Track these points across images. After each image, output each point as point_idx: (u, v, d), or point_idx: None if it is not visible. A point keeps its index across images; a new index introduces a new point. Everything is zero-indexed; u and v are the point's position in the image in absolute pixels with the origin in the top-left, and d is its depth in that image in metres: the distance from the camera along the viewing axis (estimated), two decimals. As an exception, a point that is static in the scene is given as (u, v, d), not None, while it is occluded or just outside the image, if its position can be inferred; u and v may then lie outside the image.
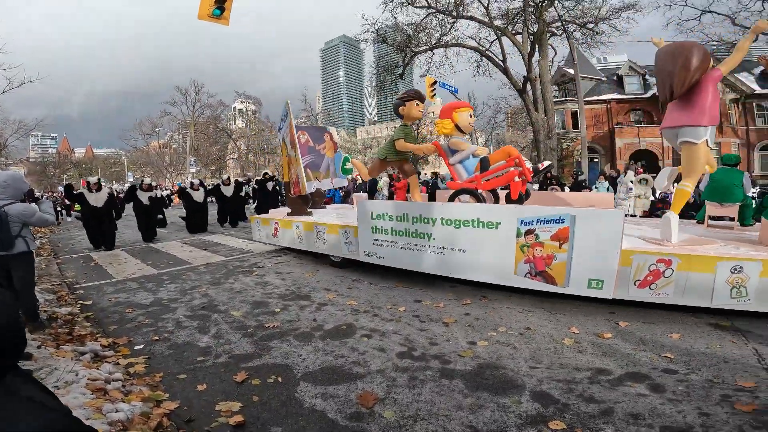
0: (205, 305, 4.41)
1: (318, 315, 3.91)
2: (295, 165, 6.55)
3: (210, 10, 6.98)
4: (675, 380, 2.47)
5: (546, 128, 18.59)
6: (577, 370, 2.65)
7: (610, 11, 18.03)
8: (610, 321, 3.50)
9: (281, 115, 7.18)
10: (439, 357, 2.91)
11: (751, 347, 2.91)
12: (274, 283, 5.19)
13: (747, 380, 2.42)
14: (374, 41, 21.40)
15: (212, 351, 3.21)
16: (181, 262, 6.92)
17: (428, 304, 4.11)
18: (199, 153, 42.05)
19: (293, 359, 2.98)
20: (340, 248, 5.47)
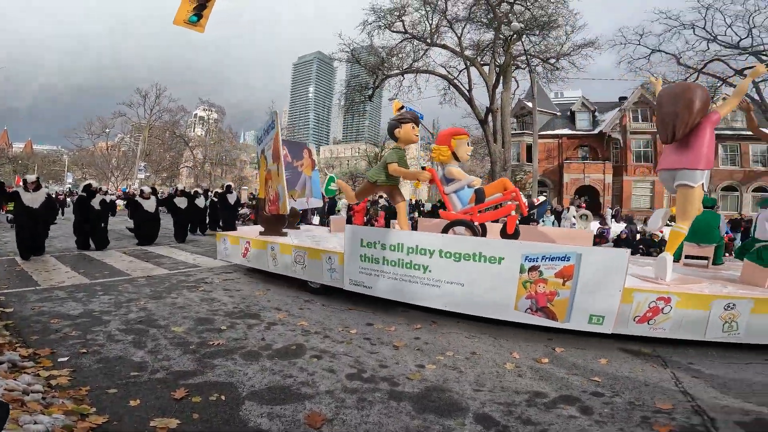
0: (143, 319, 4.18)
1: (267, 334, 3.82)
2: (275, 181, 6.14)
3: (187, 16, 6.88)
4: (601, 402, 2.65)
5: (502, 160, 19.59)
6: (517, 393, 2.78)
7: (571, 48, 19.59)
8: (547, 347, 3.69)
9: (264, 126, 6.75)
10: (388, 379, 2.94)
11: (670, 372, 3.18)
12: (222, 300, 5.01)
13: (665, 403, 2.63)
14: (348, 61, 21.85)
15: (148, 366, 3.04)
16: (118, 273, 6.52)
17: (380, 327, 4.14)
18: (151, 158, 40.09)
19: (238, 377, 2.89)
20: (322, 275, 5.14)
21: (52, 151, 53.99)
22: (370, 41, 21.02)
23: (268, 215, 6.54)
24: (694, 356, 3.50)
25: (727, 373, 3.16)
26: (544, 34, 19.36)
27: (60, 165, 47.29)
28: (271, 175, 6.28)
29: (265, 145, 6.53)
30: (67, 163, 46.12)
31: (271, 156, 6.20)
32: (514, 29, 17.22)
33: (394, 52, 21.09)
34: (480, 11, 19.74)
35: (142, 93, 40.02)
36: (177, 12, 6.85)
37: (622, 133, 27.80)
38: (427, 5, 19.72)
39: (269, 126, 6.43)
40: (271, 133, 6.31)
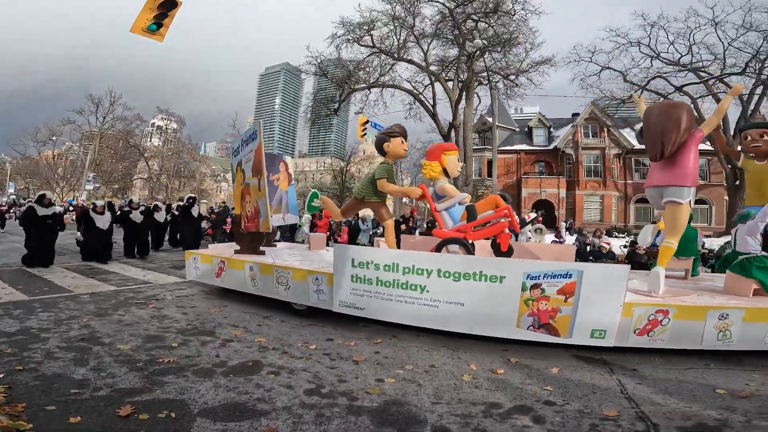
0: (85, 337, 3.93)
1: (222, 351, 3.68)
2: (254, 196, 5.76)
3: (146, 24, 6.69)
4: (553, 411, 2.74)
5: (464, 175, 20.14)
6: (473, 404, 2.82)
7: (530, 64, 20.61)
8: (503, 357, 3.79)
9: (243, 137, 6.32)
10: (347, 394, 2.90)
11: (615, 378, 3.34)
12: (174, 317, 4.79)
13: (611, 410, 2.74)
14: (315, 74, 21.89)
15: (90, 384, 2.87)
16: (59, 290, 6.09)
17: (340, 342, 4.10)
18: (101, 169, 37.96)
19: (190, 395, 2.77)
20: (308, 296, 4.82)
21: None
22: (338, 54, 21.24)
23: (245, 233, 6.14)
24: (639, 362, 3.69)
25: (669, 379, 3.34)
26: (506, 51, 20.37)
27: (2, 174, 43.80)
28: (250, 190, 5.89)
29: (243, 157, 6.14)
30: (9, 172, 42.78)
31: (251, 169, 5.81)
32: (477, 46, 17.97)
33: (362, 65, 21.44)
34: (446, 28, 20.48)
35: (95, 100, 38.13)
36: (135, 20, 6.67)
37: (574, 148, 29.37)
38: (396, 20, 20.27)
39: (249, 137, 6.03)
40: (251, 145, 5.88)
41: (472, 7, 19.77)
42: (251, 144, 5.89)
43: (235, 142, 6.76)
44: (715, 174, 26.47)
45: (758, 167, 4.70)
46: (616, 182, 29.08)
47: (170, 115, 45.55)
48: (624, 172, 29.42)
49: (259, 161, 5.60)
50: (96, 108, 38.12)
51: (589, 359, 3.78)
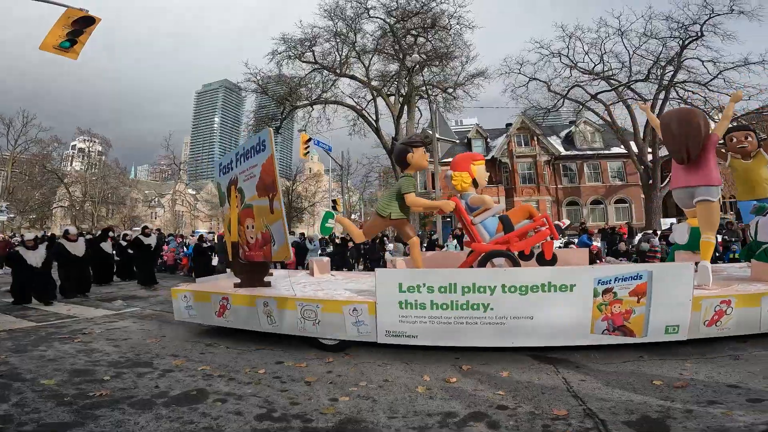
0: (4, 373, 3.57)
1: (161, 381, 3.43)
2: (264, 219, 4.95)
3: (58, 41, 6.26)
4: (506, 415, 2.81)
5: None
6: (429, 415, 2.83)
7: (465, 77, 21.59)
8: (455, 366, 3.85)
9: (240, 150, 5.47)
10: (300, 416, 2.80)
11: (561, 377, 3.49)
12: (104, 350, 4.40)
13: (560, 409, 2.84)
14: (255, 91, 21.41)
15: (14, 419, 2.61)
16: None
17: (290, 364, 3.97)
18: (15, 197, 34.02)
19: (128, 427, 2.56)
20: (345, 329, 4.32)
21: None
22: (279, 71, 21.03)
23: (245, 263, 5.44)
24: (579, 359, 3.89)
25: (609, 373, 3.52)
26: (443, 65, 21.31)
27: None
28: (254, 213, 5.16)
29: (240, 174, 5.37)
30: None
31: (256, 187, 5.03)
32: (415, 60, 18.66)
33: (303, 82, 21.39)
34: (387, 43, 21.07)
35: (4, 121, 34.35)
36: (46, 36, 6.24)
37: (509, 157, 31.19)
38: (338, 37, 20.53)
39: (251, 149, 5.16)
40: (255, 159, 5.05)
41: (412, 23, 20.61)
42: (256, 157, 5.04)
43: (225, 158, 5.97)
44: (631, 174, 28.93)
45: (745, 165, 5.07)
46: (548, 187, 31.17)
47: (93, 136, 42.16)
48: (554, 177, 31.56)
49: (271, 177, 4.83)
50: (6, 130, 34.45)
51: (536, 358, 3.93)
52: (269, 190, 4.84)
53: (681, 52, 20.32)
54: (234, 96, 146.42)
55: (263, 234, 5.01)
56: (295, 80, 21.36)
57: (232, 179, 5.57)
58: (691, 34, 19.93)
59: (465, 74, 21.75)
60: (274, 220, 4.81)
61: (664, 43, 20.74)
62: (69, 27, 6.29)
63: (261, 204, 4.98)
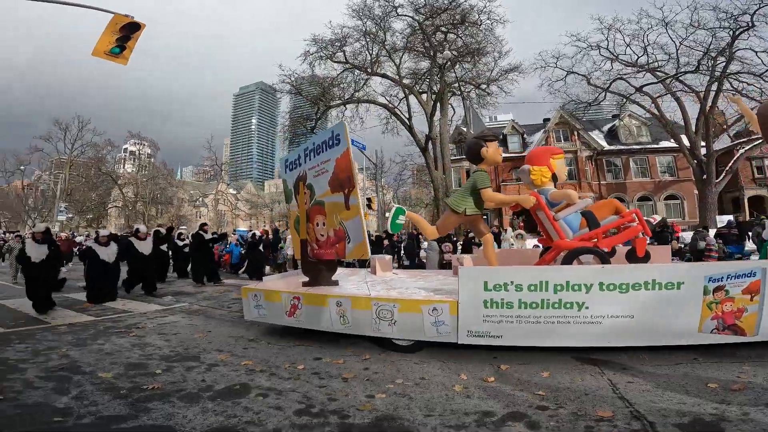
0: (65, 366, 3.82)
1: (207, 376, 3.60)
2: (336, 216, 4.88)
3: (108, 47, 6.64)
4: (547, 416, 2.75)
5: (444, 186, 20.37)
6: (466, 414, 2.82)
7: (499, 73, 21.11)
8: (493, 365, 3.80)
9: (309, 144, 5.37)
10: (337, 412, 2.86)
11: (607, 378, 3.37)
12: (156, 345, 4.66)
13: (605, 410, 2.76)
14: (290, 92, 21.92)
15: (74, 412, 2.79)
16: (35, 321, 5.90)
17: (328, 361, 4.05)
18: (74, 198, 36.68)
19: (177, 420, 2.70)
20: (423, 330, 4.20)
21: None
22: (311, 71, 21.38)
23: (314, 262, 5.38)
24: (627, 360, 3.74)
25: (659, 375, 3.39)
26: (475, 61, 20.89)
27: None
28: (325, 210, 5.10)
29: (310, 170, 5.28)
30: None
31: (329, 183, 4.94)
32: (447, 57, 18.38)
33: (336, 82, 21.64)
34: (417, 41, 20.93)
35: (62, 126, 36.95)
36: (97, 42, 6.61)
37: (549, 153, 30.01)
38: (367, 36, 20.60)
39: (322, 144, 5.03)
40: (328, 153, 4.93)
41: (441, 20, 20.34)
42: (328, 152, 4.92)
43: (292, 154, 5.88)
44: (683, 170, 27.38)
45: None
46: (591, 183, 29.77)
47: (142, 139, 44.69)
48: (597, 173, 30.19)
49: (347, 172, 4.70)
50: (64, 134, 37.11)
51: (578, 359, 3.82)
52: (344, 186, 4.71)
53: (732, 42, 18.95)
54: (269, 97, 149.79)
55: (336, 231, 4.90)
56: (328, 80, 21.64)
57: (300, 175, 5.48)
58: (741, 24, 18.57)
59: (498, 70, 21.27)
60: (350, 216, 4.69)
61: (713, 34, 19.43)
62: (117, 33, 6.64)
63: (334, 200, 4.87)
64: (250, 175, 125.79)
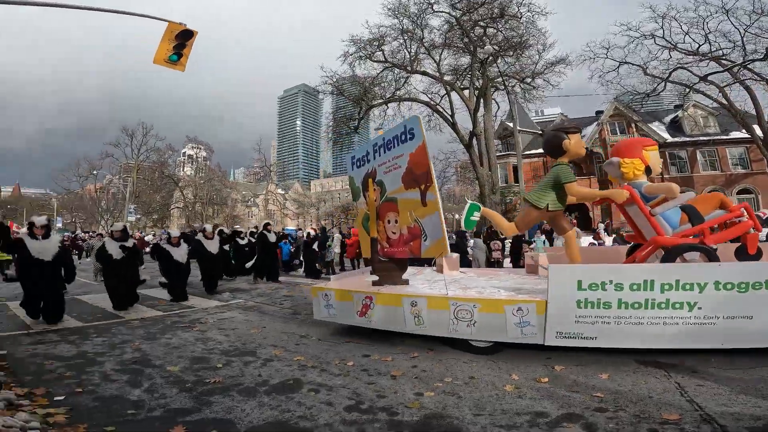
0: (138, 359, 4.14)
1: (263, 370, 3.78)
2: (411, 213, 4.75)
3: (167, 55, 7.11)
4: (605, 418, 2.64)
5: (490, 183, 19.86)
6: (518, 414, 2.76)
7: (545, 66, 20.25)
8: (546, 366, 3.69)
9: (379, 140, 5.23)
10: (386, 409, 2.91)
11: (674, 381, 3.18)
12: (217, 339, 4.95)
13: (672, 413, 2.62)
14: (332, 93, 22.33)
15: (145, 405, 3.02)
16: (110, 316, 6.44)
17: (376, 358, 4.11)
18: (140, 200, 39.75)
19: (236, 414, 2.85)
20: (505, 331, 4.00)
21: (40, 195, 53.45)
22: (352, 72, 21.61)
23: (385, 260, 5.28)
24: (696, 364, 3.50)
25: (732, 378, 3.16)
26: (518, 55, 20.13)
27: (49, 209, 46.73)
28: (398, 207, 4.98)
29: (379, 166, 5.17)
30: (56, 207, 45.53)
31: (402, 179, 4.83)
32: (488, 52, 17.85)
33: (377, 81, 21.69)
34: (455, 36, 20.52)
35: (128, 132, 39.99)
36: (157, 51, 7.08)
37: (602, 147, 28.43)
38: (405, 34, 20.47)
39: (393, 139, 4.90)
40: (400, 149, 4.80)
41: (478, 14, 19.72)
42: (400, 147, 4.80)
43: (359, 150, 5.79)
44: (756, 162, 24.94)
45: None
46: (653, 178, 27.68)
47: (198, 143, 47.42)
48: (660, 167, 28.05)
49: (423, 167, 4.52)
50: (130, 140, 40.10)
51: (642, 363, 3.63)
52: (420, 181, 4.57)
53: (803, 28, 16.91)
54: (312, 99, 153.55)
55: (411, 229, 4.79)
56: (368, 80, 21.77)
57: (369, 172, 5.36)
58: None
59: (543, 63, 20.30)
60: (427, 213, 4.55)
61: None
62: (173, 41, 7.07)
63: (408, 197, 4.74)
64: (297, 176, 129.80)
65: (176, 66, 7.25)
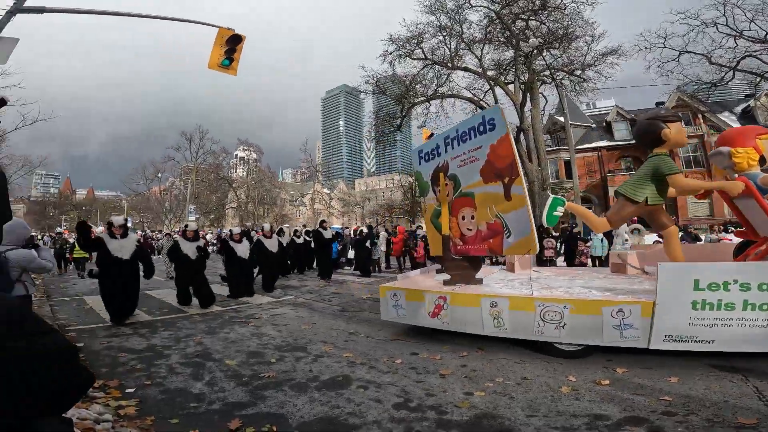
0: (200, 353, 4.39)
1: (314, 366, 3.88)
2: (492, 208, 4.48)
3: (219, 60, 7.47)
4: (674, 422, 2.48)
5: (540, 179, 19.08)
6: (575, 416, 2.65)
7: (595, 57, 19.13)
8: (607, 368, 3.51)
9: (451, 134, 5.00)
10: (435, 408, 2.89)
11: (751, 386, 2.95)
12: (270, 334, 5.15)
13: (748, 417, 2.44)
14: (373, 92, 22.46)
15: (206, 398, 3.18)
16: (176, 311, 6.88)
17: (425, 356, 4.09)
18: (199, 200, 42.27)
19: (288, 408, 2.95)
20: (601, 333, 3.71)
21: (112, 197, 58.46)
22: (393, 70, 21.58)
23: (458, 258, 5.04)
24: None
25: None
26: (565, 47, 19.13)
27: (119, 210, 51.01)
28: (476, 201, 4.72)
29: (449, 159, 4.97)
30: (126, 208, 49.53)
31: (480, 172, 4.57)
32: (533, 45, 17.13)
33: (418, 79, 21.50)
34: (495, 31, 19.88)
35: (186, 136, 42.39)
36: (210, 57, 7.45)
37: (665, 139, 26.35)
38: (443, 30, 20.12)
39: (473, 130, 4.62)
40: (476, 140, 4.55)
41: (519, 7, 18.95)
42: (478, 139, 4.54)
43: (427, 144, 5.53)
44: None
45: None
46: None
47: (249, 145, 49.58)
48: (731, 159, 25.55)
49: (507, 159, 4.25)
50: (189, 144, 42.48)
51: (716, 367, 3.39)
52: (504, 174, 4.29)
53: None
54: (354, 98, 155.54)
55: (491, 225, 4.52)
56: (409, 78, 21.65)
57: (440, 166, 5.12)
58: None
59: (593, 54, 19.14)
60: (512, 208, 4.26)
61: None
62: (224, 46, 7.38)
63: (488, 190, 4.47)
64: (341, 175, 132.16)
65: (228, 70, 7.58)
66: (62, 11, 7.10)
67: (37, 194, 57.55)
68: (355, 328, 5.34)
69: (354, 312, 6.49)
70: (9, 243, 3.39)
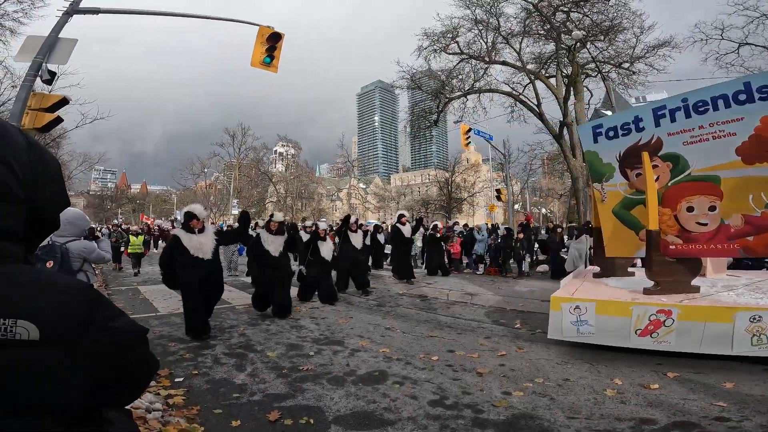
0: (242, 344, 4.56)
1: (351, 360, 3.95)
2: (762, 193, 3.66)
3: (261, 58, 7.71)
4: (727, 427, 2.35)
5: (585, 175, 18.27)
6: (619, 420, 2.55)
7: (645, 49, 18.03)
8: (657, 372, 3.35)
9: (667, 104, 4.22)
10: (471, 406, 2.86)
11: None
12: (309, 328, 5.29)
13: None
14: (409, 87, 22.29)
15: (248, 389, 3.30)
16: (221, 302, 7.10)
17: (462, 354, 4.06)
18: (242, 195, 43.97)
19: (325, 402, 3.01)
20: None
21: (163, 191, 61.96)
22: (428, 66, 21.29)
23: (670, 260, 4.21)
24: None
25: None
26: (611, 39, 18.11)
27: (170, 203, 53.86)
28: (724, 187, 3.88)
29: (665, 134, 4.18)
30: (175, 202, 52.31)
31: (738, 151, 3.73)
32: (576, 38, 16.33)
33: (454, 74, 21.06)
34: (534, 23, 19.11)
35: (230, 132, 44.30)
36: (252, 55, 7.68)
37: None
38: (479, 24, 19.58)
39: (724, 98, 3.80)
40: (726, 112, 3.76)
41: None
42: (732, 110, 3.74)
43: (609, 120, 4.79)
44: None
45: None
46: None
47: (288, 141, 50.91)
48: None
49: None
50: (232, 140, 44.48)
51: None
52: None
53: None
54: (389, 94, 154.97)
55: (754, 217, 3.68)
56: (445, 73, 21.28)
57: (642, 143, 4.32)
58: None
59: (643, 46, 17.97)
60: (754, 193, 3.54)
61: None
62: (265, 44, 7.57)
63: (752, 174, 3.65)
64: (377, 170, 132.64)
65: (270, 68, 7.80)
66: (116, 12, 7.47)
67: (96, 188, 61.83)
68: (392, 324, 5.37)
69: (390, 307, 6.53)
70: (71, 234, 3.54)
